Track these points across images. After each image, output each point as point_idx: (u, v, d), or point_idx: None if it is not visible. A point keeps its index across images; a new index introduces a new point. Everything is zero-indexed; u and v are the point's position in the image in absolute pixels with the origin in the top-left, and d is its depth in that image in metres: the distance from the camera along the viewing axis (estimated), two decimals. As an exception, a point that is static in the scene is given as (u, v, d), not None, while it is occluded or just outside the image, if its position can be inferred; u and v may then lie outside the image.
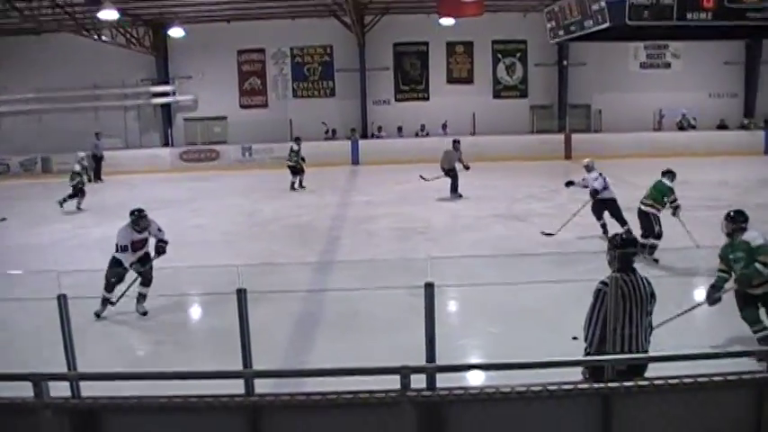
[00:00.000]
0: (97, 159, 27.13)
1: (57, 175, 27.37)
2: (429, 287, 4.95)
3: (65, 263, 12.16)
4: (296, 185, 21.93)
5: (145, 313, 9.56)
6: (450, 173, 19.61)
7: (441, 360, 5.00)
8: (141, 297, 9.69)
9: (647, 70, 30.95)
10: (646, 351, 5.40)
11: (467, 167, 19.40)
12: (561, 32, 16.74)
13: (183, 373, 5.57)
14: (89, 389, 5.08)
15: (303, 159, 22.13)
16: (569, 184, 14.79)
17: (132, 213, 9.70)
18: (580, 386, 4.68)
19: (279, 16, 28.89)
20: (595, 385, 4.69)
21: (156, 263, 9.64)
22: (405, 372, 4.56)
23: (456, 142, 20.72)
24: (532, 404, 4.63)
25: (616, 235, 5.85)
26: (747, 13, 13.69)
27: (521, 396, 4.57)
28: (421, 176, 19.92)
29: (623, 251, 5.50)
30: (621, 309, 5.22)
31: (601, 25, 14.10)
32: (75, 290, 5.80)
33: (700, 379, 4.75)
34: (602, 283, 5.38)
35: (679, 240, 11.90)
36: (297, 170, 21.99)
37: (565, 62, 30.38)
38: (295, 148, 22.19)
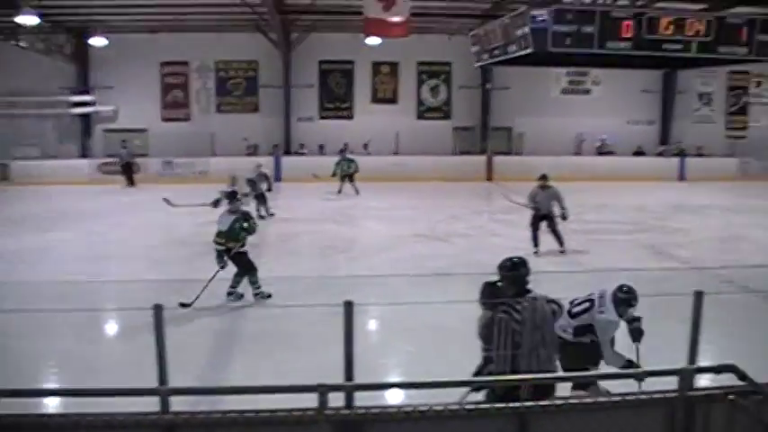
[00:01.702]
0: (128, 166, 27.48)
1: (-31, 184, 26.77)
2: (348, 305, 4.94)
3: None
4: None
5: None
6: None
7: (361, 378, 4.99)
8: None
9: (568, 96, 31.59)
10: (554, 370, 5.52)
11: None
12: (485, 56, 16.91)
13: (97, 390, 5.45)
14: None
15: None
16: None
17: None
18: (497, 405, 4.72)
19: (204, 29, 28.65)
20: (512, 404, 4.73)
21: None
22: (322, 390, 4.53)
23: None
24: (450, 423, 4.64)
25: (507, 259, 5.90)
26: (664, 45, 14.06)
27: (438, 415, 4.57)
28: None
29: (515, 273, 5.61)
30: (528, 328, 5.33)
31: (524, 50, 14.28)
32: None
33: (614, 398, 4.84)
34: (503, 311, 5.46)
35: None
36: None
37: (488, 85, 30.77)
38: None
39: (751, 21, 13.85)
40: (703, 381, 5.42)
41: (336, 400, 4.70)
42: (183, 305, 9.82)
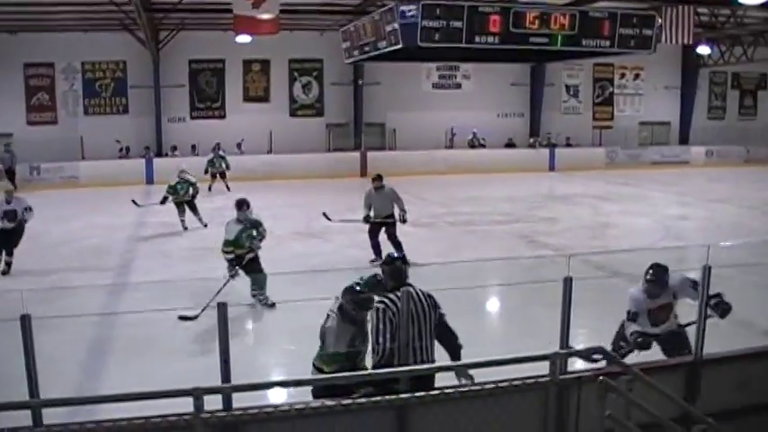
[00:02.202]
0: (11, 172, 26.36)
1: None
2: (222, 306, 4.92)
3: None
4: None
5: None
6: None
7: (240, 380, 4.96)
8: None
9: (439, 90, 32.07)
10: (433, 362, 5.60)
11: None
12: (356, 52, 16.94)
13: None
14: None
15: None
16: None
17: None
18: (374, 399, 4.77)
19: (70, 29, 27.79)
20: (388, 397, 4.78)
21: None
22: (197, 393, 4.48)
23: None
24: (327, 419, 4.67)
25: (387, 254, 6.05)
26: (530, 39, 14.41)
27: (315, 411, 4.61)
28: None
29: (394, 267, 5.71)
30: (409, 320, 5.40)
31: (394, 46, 14.38)
32: None
33: (487, 386, 4.96)
34: (380, 301, 5.53)
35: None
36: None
37: (360, 81, 30.94)
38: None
39: (612, 14, 14.31)
40: (578, 364, 5.61)
41: (217, 403, 4.67)
42: (185, 318, 9.28)
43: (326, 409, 4.60)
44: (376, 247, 13.64)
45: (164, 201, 17.76)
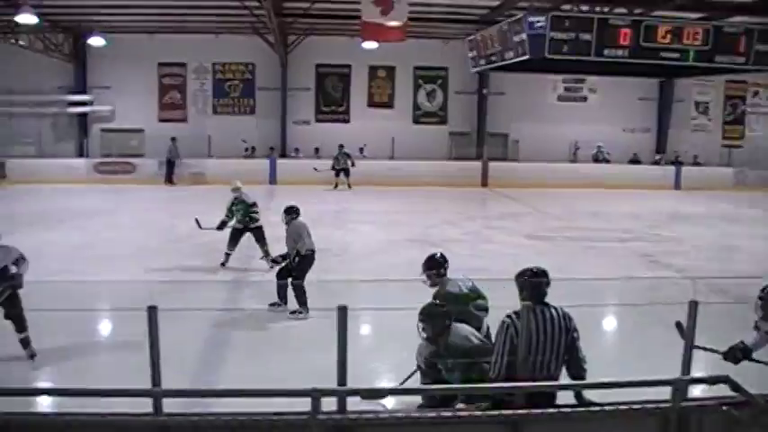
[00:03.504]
0: (170, 164, 27.81)
1: (-36, 182, 26.74)
2: (342, 310, 4.94)
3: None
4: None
5: (33, 356, 8.28)
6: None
7: (354, 383, 4.98)
8: (24, 342, 8.29)
9: (565, 103, 31.54)
10: (555, 380, 5.47)
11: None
12: (482, 62, 16.98)
13: (90, 390, 5.44)
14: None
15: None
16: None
17: None
18: (489, 413, 4.72)
19: (202, 31, 28.63)
20: (505, 412, 4.73)
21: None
22: (315, 395, 4.53)
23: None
24: (442, 429, 4.65)
25: (527, 268, 5.89)
26: (661, 53, 14.12)
27: (430, 422, 4.58)
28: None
29: (535, 280, 5.59)
30: (534, 339, 5.28)
31: (521, 57, 14.34)
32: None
33: (607, 407, 4.84)
34: (508, 316, 5.44)
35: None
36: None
37: (485, 91, 30.73)
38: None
39: (749, 30, 13.91)
40: (696, 391, 5.43)
41: (329, 404, 4.70)
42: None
43: (441, 420, 4.58)
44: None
45: (221, 226, 13.84)
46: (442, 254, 7.96)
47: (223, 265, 13.39)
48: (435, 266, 7.80)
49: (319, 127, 30.99)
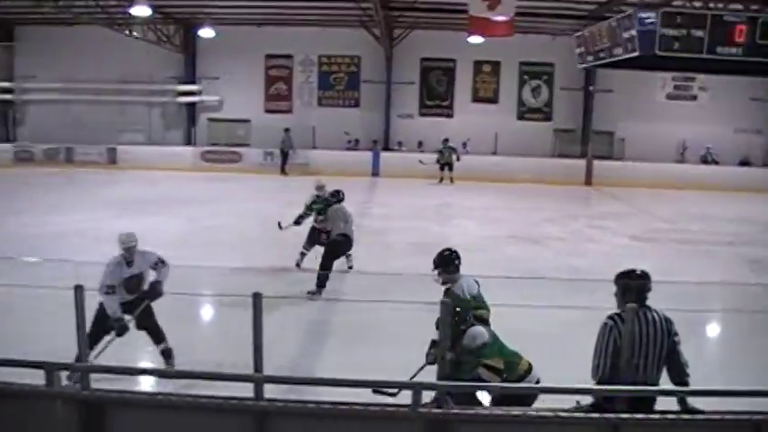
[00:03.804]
0: (284, 154, 28.61)
1: (79, 165, 27.68)
2: (444, 305, 4.95)
3: (80, 253, 12.14)
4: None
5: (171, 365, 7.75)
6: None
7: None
8: (166, 353, 7.80)
9: (673, 101, 30.74)
10: (656, 385, 5.36)
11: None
12: (590, 58, 16.74)
13: (194, 372, 5.58)
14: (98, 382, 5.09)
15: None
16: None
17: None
18: (590, 415, 4.66)
19: (309, 24, 29.00)
20: (606, 415, 4.67)
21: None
22: (417, 388, 4.56)
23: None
24: (542, 429, 4.61)
25: (631, 269, 5.77)
26: (779, 52, 13.67)
27: (531, 421, 4.55)
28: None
29: (638, 282, 5.47)
30: (636, 342, 5.19)
31: (630, 54, 14.09)
32: (92, 281, 5.85)
33: (713, 416, 4.72)
34: (610, 317, 5.35)
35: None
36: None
37: (591, 88, 30.27)
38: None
39: None
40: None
41: (427, 398, 4.72)
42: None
43: (541, 420, 4.54)
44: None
45: (299, 220, 13.45)
46: (451, 249, 7.61)
47: (298, 265, 12.82)
48: (442, 264, 7.47)
49: (423, 121, 31.03)
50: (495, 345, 6.01)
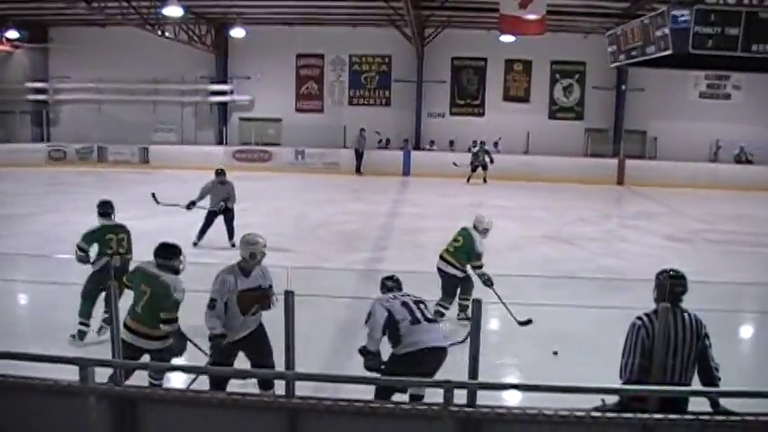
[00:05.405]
0: (359, 154, 28.71)
1: (111, 165, 27.89)
2: (477, 303, 4.92)
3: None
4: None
5: None
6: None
7: (481, 378, 4.96)
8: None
9: (707, 100, 30.44)
10: (688, 386, 5.30)
11: None
12: (622, 57, 16.59)
13: (226, 370, 5.58)
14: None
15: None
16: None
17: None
18: (623, 415, 4.61)
19: (340, 23, 29.07)
20: (639, 415, 4.62)
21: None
22: (448, 386, 4.54)
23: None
24: (574, 429, 4.58)
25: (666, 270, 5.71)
26: (814, 49, 13.49)
27: (563, 420, 4.51)
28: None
29: (673, 282, 5.41)
30: (670, 342, 5.14)
31: (663, 52, 13.94)
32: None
33: (748, 418, 4.66)
34: (638, 318, 5.31)
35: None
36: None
37: (623, 87, 30.06)
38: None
39: None
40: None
41: (459, 397, 4.70)
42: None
43: (575, 419, 4.50)
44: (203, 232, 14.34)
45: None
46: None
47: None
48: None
49: (454, 120, 30.99)
50: None
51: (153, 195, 14.61)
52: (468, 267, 9.85)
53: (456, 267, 9.85)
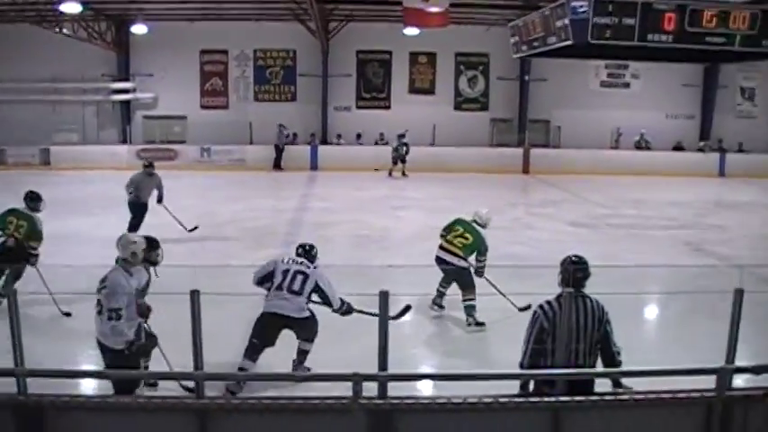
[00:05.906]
0: (279, 150, 28.34)
1: (10, 167, 27.06)
2: (384, 295, 4.93)
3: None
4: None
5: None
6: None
7: (392, 369, 4.97)
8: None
9: (607, 89, 31.19)
10: (593, 368, 5.44)
11: None
12: (524, 48, 16.81)
13: (133, 373, 5.49)
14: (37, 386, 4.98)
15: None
16: None
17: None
18: (531, 399, 4.70)
19: (243, 18, 28.71)
20: (546, 399, 4.71)
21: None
22: (356, 379, 4.55)
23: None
24: (483, 416, 4.64)
25: (568, 256, 5.83)
26: (706, 38, 13.88)
27: (472, 407, 4.57)
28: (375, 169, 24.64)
29: (575, 267, 5.52)
30: (573, 327, 5.25)
31: (563, 42, 14.17)
32: (32, 285, 5.71)
33: (650, 396, 4.79)
34: (540, 306, 5.41)
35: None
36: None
37: (526, 77, 30.52)
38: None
39: (799, 14, 13.60)
40: (739, 380, 5.35)
41: (369, 389, 4.71)
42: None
43: (483, 406, 4.56)
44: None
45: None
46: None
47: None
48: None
49: (360, 113, 31.00)
50: None
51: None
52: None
53: (465, 260, 10.12)
